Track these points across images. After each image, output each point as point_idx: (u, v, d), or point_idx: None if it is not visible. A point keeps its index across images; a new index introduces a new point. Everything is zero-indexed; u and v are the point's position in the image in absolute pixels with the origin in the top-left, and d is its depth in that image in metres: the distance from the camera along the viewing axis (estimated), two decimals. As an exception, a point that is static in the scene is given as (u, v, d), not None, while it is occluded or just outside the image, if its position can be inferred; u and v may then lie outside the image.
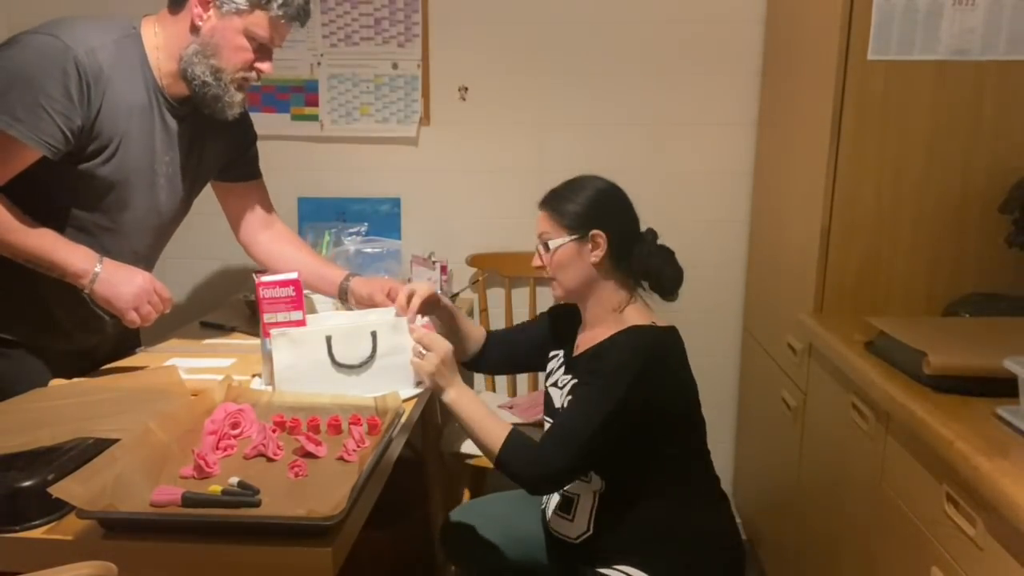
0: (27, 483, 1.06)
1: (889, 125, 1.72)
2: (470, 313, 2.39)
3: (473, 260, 2.47)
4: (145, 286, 1.50)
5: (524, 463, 1.35)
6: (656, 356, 1.38)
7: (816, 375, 1.80)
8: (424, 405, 1.59)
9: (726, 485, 2.73)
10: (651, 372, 1.36)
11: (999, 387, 1.24)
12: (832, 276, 1.79)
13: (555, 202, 1.46)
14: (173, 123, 1.61)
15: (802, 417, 1.88)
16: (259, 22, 1.52)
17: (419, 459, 2.11)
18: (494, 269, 2.45)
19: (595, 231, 1.42)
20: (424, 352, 1.41)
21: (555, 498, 1.52)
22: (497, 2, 2.40)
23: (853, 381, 1.52)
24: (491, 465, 2.03)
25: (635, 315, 1.45)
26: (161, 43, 1.54)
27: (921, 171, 1.73)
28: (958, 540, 1.14)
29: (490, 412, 1.42)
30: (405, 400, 1.47)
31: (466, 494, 2.11)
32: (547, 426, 1.49)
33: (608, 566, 1.40)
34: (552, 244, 1.44)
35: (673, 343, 1.43)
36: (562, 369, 1.55)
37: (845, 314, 1.77)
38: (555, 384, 1.54)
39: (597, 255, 1.42)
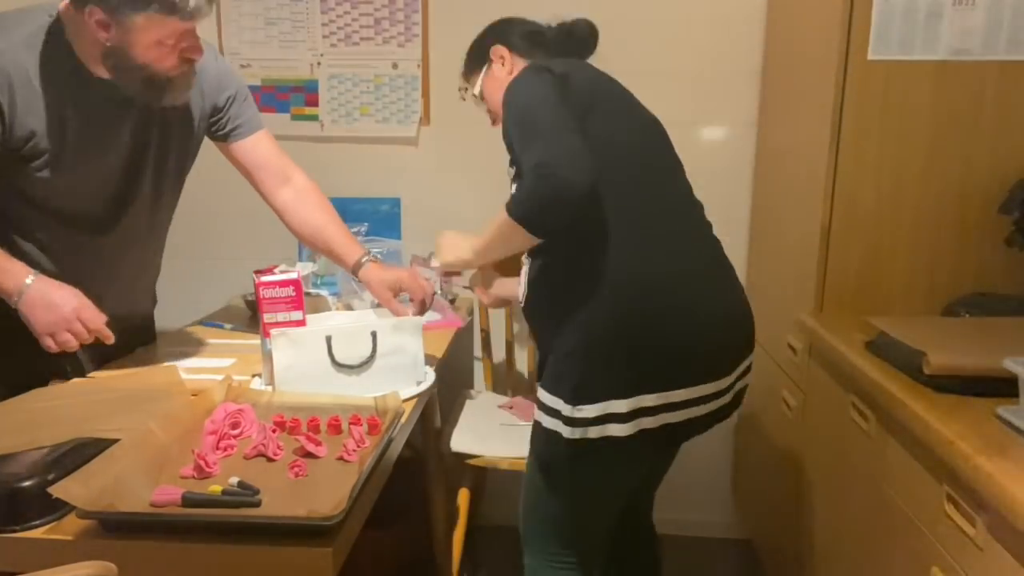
0: (27, 483, 1.06)
1: (889, 125, 1.72)
2: (469, 313, 2.39)
3: (473, 260, 2.47)
4: (68, 315, 1.42)
5: (544, 190, 1.21)
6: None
7: (816, 375, 1.80)
8: (424, 405, 1.59)
9: (726, 485, 2.69)
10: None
11: (999, 387, 1.24)
12: (832, 276, 1.79)
13: (463, 69, 1.61)
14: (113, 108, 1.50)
15: (802, 417, 1.88)
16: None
17: (419, 459, 2.11)
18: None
19: (491, 48, 1.51)
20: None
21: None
22: (497, 2, 2.39)
23: (853, 381, 1.52)
24: (490, 465, 2.05)
25: None
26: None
27: (921, 171, 1.73)
28: (958, 540, 1.14)
29: (489, 227, 1.40)
30: (405, 400, 1.47)
31: (466, 494, 2.11)
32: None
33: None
34: (476, 88, 1.55)
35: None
36: None
37: (845, 314, 1.77)
38: None
39: (507, 64, 1.50)
